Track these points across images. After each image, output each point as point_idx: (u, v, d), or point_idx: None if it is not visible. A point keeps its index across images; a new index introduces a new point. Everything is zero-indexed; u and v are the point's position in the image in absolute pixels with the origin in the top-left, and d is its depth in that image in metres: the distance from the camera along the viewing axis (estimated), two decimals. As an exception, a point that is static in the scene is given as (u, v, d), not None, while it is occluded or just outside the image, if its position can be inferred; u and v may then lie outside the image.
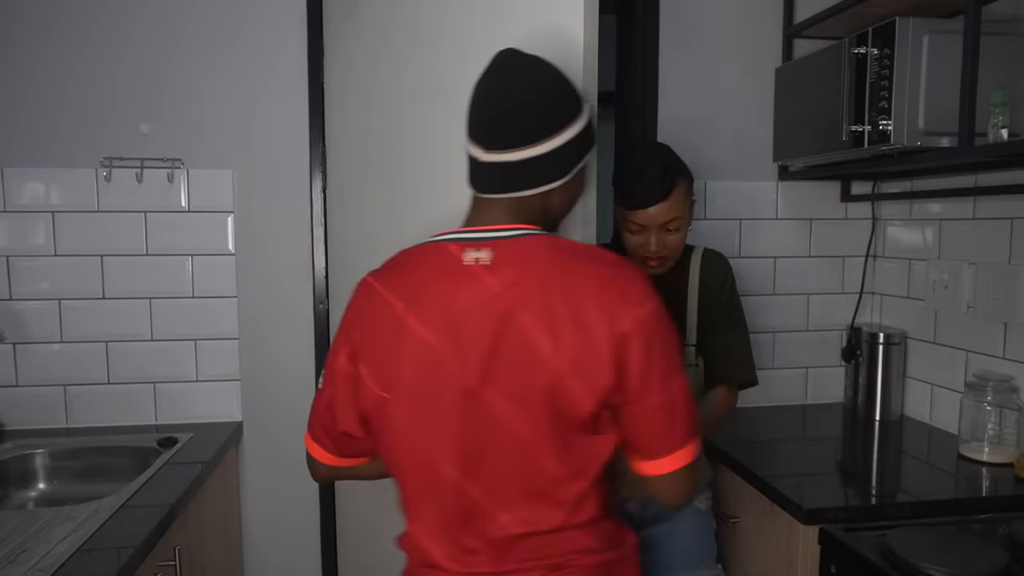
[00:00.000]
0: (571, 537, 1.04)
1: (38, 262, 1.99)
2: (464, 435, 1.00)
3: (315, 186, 2.08)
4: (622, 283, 0.98)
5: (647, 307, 0.98)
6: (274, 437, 2.13)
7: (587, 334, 0.95)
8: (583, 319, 0.95)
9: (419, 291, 1.02)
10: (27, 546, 1.29)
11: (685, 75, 2.19)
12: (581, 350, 0.95)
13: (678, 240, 1.52)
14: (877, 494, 1.63)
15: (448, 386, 1.00)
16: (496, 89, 1.06)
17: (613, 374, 0.96)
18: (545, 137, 1.02)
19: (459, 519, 1.04)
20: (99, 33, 1.98)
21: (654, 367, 0.98)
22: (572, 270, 0.98)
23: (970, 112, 1.48)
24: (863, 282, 2.29)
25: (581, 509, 1.03)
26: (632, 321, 0.96)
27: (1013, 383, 1.78)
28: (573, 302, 0.96)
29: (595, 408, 0.97)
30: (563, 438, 0.98)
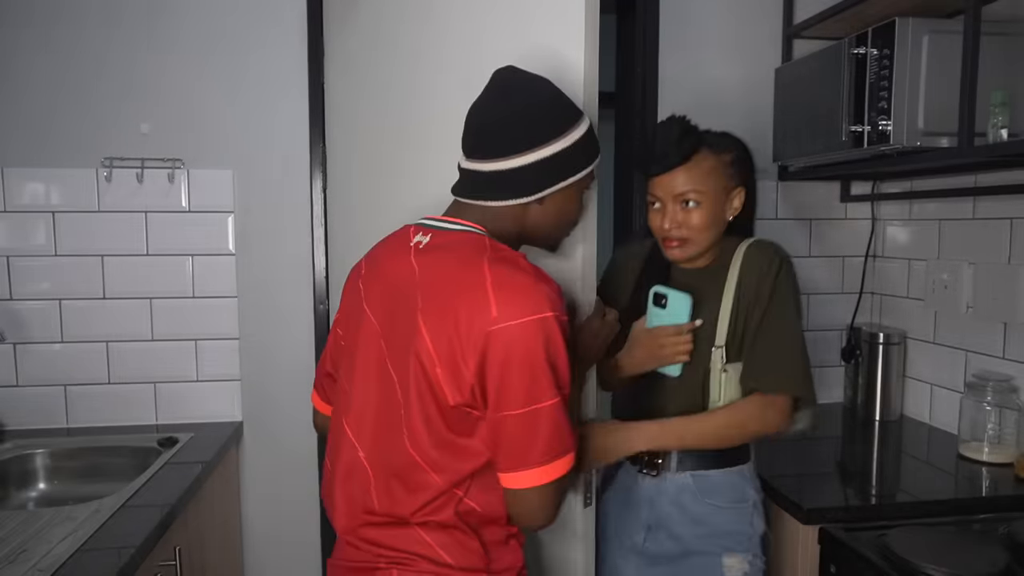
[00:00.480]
0: (415, 536, 1.06)
1: (38, 262, 1.99)
2: (362, 393, 1.10)
3: (315, 186, 2.08)
4: (513, 290, 1.00)
5: (529, 318, 0.98)
6: (274, 437, 2.13)
7: (462, 330, 0.99)
8: (463, 315, 0.99)
9: (376, 263, 1.17)
10: (27, 546, 1.29)
11: (685, 75, 2.19)
12: (452, 344, 0.99)
13: (700, 220, 1.30)
14: (877, 494, 1.63)
15: (366, 346, 1.10)
16: (485, 102, 1.12)
17: (475, 375, 0.99)
18: (517, 153, 1.07)
19: (346, 475, 1.11)
20: (99, 33, 1.98)
21: (516, 379, 0.98)
22: (475, 268, 1.02)
23: (970, 112, 1.48)
24: (863, 282, 2.29)
25: (433, 508, 1.05)
26: (506, 329, 0.98)
27: (1013, 383, 1.78)
28: (461, 297, 1.01)
29: (458, 403, 1.01)
30: (429, 425, 1.03)
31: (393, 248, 1.15)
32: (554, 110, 1.10)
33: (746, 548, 1.35)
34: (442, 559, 1.06)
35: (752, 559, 1.36)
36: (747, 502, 1.37)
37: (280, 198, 2.08)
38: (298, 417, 2.12)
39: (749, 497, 1.37)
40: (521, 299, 1.00)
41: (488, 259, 1.03)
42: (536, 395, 1.00)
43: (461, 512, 1.06)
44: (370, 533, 1.09)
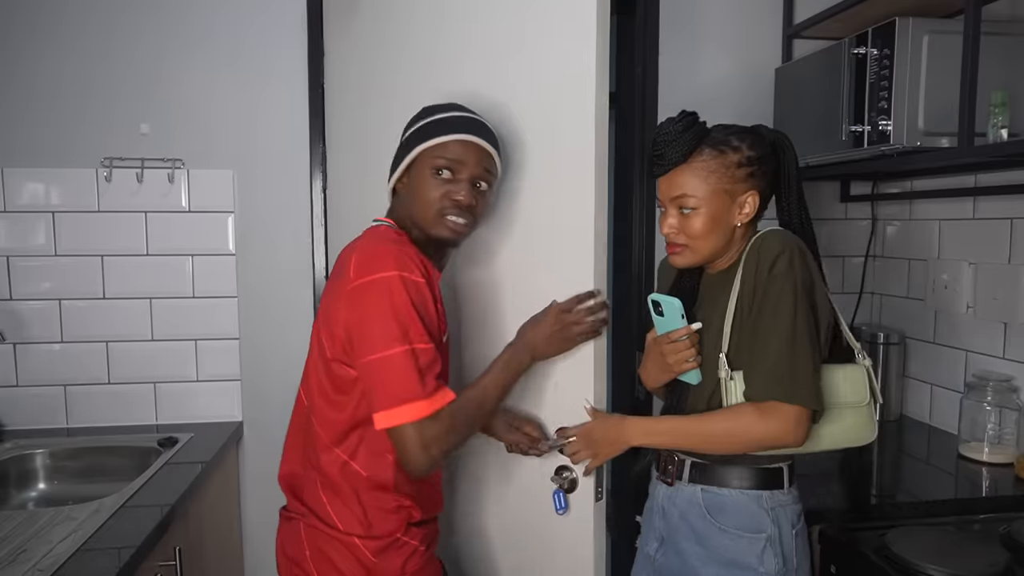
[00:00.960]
0: (316, 495, 1.26)
1: (38, 262, 1.99)
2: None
3: (315, 186, 2.08)
4: (366, 255, 1.18)
5: (377, 275, 1.14)
6: (274, 437, 2.11)
7: (332, 291, 1.21)
8: (335, 281, 1.20)
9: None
10: (27, 546, 1.29)
11: (685, 75, 2.18)
12: (328, 305, 1.21)
13: (696, 227, 1.22)
14: (877, 494, 1.63)
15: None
16: None
17: (344, 330, 1.17)
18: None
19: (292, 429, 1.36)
20: (99, 33, 1.98)
21: (368, 328, 1.14)
22: (351, 245, 1.24)
23: (970, 112, 1.48)
24: (863, 282, 2.29)
25: (325, 463, 1.24)
26: (359, 286, 1.15)
27: (1013, 383, 1.78)
28: (337, 269, 1.22)
29: (335, 356, 1.19)
30: (317, 377, 1.23)
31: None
32: (415, 117, 1.33)
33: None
34: (332, 520, 1.24)
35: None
36: (760, 534, 1.21)
37: (280, 198, 2.08)
38: (298, 417, 2.12)
39: (764, 529, 1.21)
40: (371, 262, 1.16)
41: (363, 234, 1.26)
42: (385, 343, 1.13)
43: (347, 475, 1.23)
44: (293, 483, 1.32)
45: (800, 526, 1.26)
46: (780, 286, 1.16)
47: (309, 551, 1.25)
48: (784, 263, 1.16)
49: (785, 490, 1.25)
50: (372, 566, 1.22)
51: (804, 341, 1.16)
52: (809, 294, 1.18)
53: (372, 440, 1.22)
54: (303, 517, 1.28)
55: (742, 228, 1.25)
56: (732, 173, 1.22)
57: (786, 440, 1.17)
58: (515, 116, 1.52)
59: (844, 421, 1.23)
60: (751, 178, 1.23)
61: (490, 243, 1.54)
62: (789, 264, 1.16)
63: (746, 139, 1.25)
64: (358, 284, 1.15)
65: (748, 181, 1.22)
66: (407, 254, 1.19)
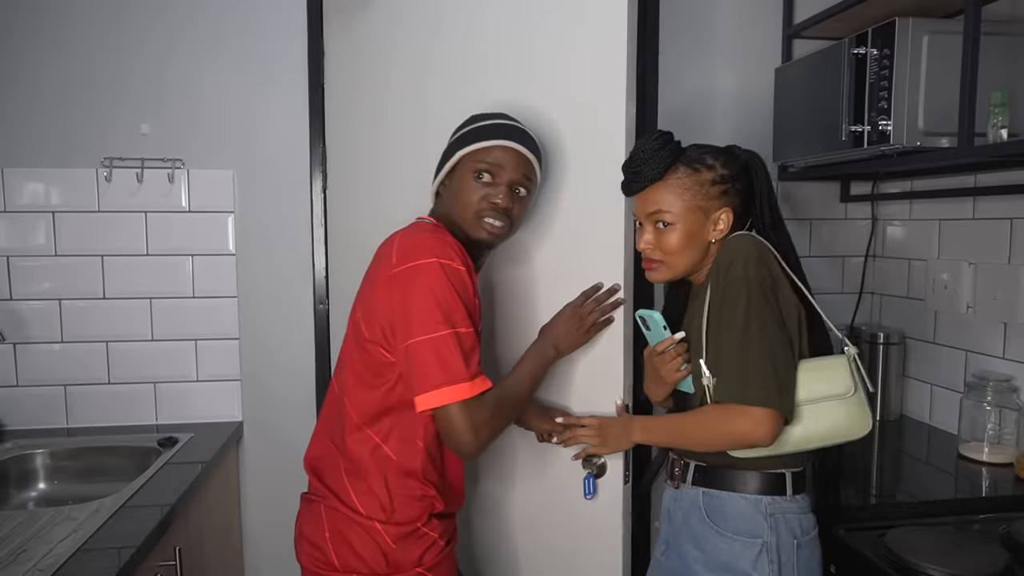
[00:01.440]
0: (339, 479, 1.28)
1: (38, 262, 1.99)
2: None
3: (315, 186, 2.08)
4: (409, 244, 1.23)
5: (419, 262, 1.19)
6: (274, 437, 2.13)
7: (373, 276, 1.26)
8: (376, 268, 1.26)
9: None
10: (27, 546, 1.29)
11: (685, 75, 2.18)
12: (368, 290, 1.26)
13: (672, 242, 1.26)
14: (877, 494, 1.63)
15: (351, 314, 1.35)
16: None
17: (384, 314, 1.21)
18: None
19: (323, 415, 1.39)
20: (99, 33, 1.98)
21: (411, 312, 1.18)
22: (392, 235, 1.29)
23: (970, 112, 1.48)
24: (863, 282, 2.29)
25: (354, 442, 1.26)
26: (401, 272, 1.19)
27: (1013, 383, 1.78)
28: (378, 256, 1.28)
29: (373, 338, 1.22)
30: (352, 360, 1.27)
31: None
32: (462, 123, 1.39)
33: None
34: (354, 504, 1.26)
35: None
36: (755, 539, 1.20)
37: (280, 198, 2.08)
38: (298, 417, 2.12)
39: (760, 535, 1.20)
40: (413, 249, 1.21)
41: (404, 228, 1.30)
42: (425, 326, 1.17)
43: (377, 459, 1.25)
44: (317, 465, 1.34)
45: (807, 539, 1.23)
46: (734, 290, 1.18)
47: (329, 533, 1.27)
48: (738, 267, 1.19)
49: (788, 497, 1.23)
50: (391, 552, 1.24)
51: (758, 342, 1.16)
52: (767, 294, 1.18)
53: (404, 426, 1.25)
54: (324, 499, 1.30)
55: (716, 244, 1.28)
56: (706, 190, 1.25)
57: (752, 439, 1.17)
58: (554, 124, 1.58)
59: (829, 415, 1.20)
60: (725, 195, 1.26)
61: (528, 245, 1.59)
62: (743, 267, 1.18)
63: (720, 158, 1.28)
64: (400, 270, 1.19)
65: (722, 198, 1.26)
66: (448, 242, 1.23)
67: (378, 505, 1.25)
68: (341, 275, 2.07)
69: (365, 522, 1.25)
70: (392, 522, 1.25)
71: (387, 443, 1.25)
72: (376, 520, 1.25)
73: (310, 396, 2.12)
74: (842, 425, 1.21)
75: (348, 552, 1.25)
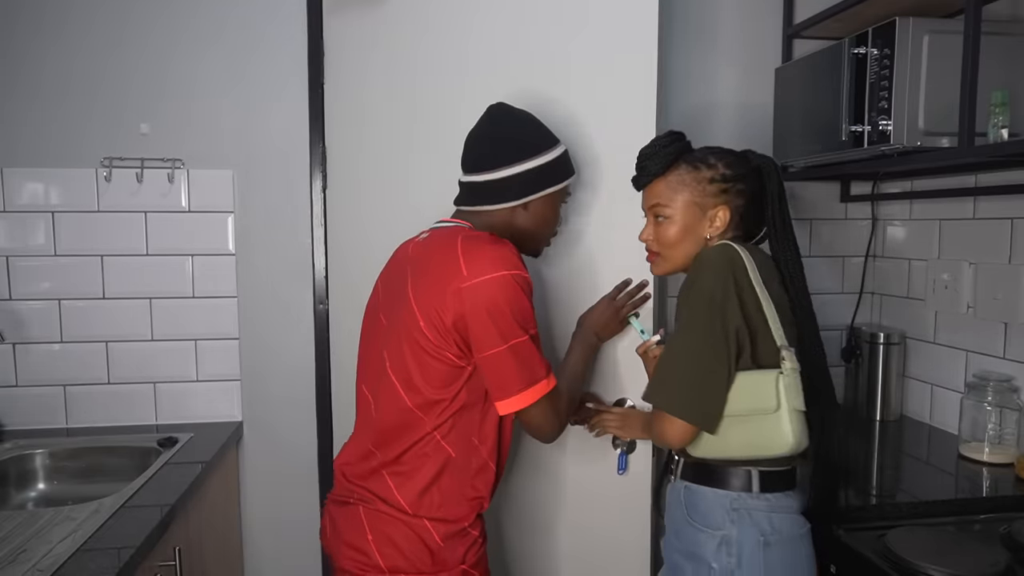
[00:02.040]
0: (382, 480, 1.31)
1: (38, 262, 1.99)
2: (367, 351, 1.40)
3: (315, 186, 2.08)
4: (477, 257, 1.25)
5: (491, 275, 1.23)
6: (274, 437, 2.13)
7: (440, 289, 1.25)
8: (441, 279, 1.25)
9: (391, 259, 1.47)
10: (27, 546, 1.29)
11: (685, 75, 2.19)
12: (432, 300, 1.25)
13: (668, 235, 1.32)
14: (877, 494, 1.63)
15: (370, 321, 1.42)
16: (479, 128, 1.41)
17: (454, 324, 1.23)
18: (503, 166, 1.34)
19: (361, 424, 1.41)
20: (99, 33, 1.98)
21: (487, 324, 1.22)
22: (451, 245, 1.28)
23: (970, 112, 1.48)
24: (863, 282, 2.29)
25: (418, 451, 1.29)
26: (474, 285, 1.23)
27: (1013, 383, 1.78)
28: (439, 266, 1.27)
29: (438, 348, 1.25)
30: (418, 371, 1.27)
31: (403, 246, 1.46)
32: (534, 134, 1.39)
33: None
34: (400, 504, 1.28)
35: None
36: (717, 531, 1.24)
37: (280, 198, 2.08)
38: (298, 417, 2.12)
39: (721, 527, 1.24)
40: (483, 263, 1.24)
41: (462, 237, 1.29)
42: (505, 336, 1.23)
43: (437, 458, 1.29)
44: (351, 470, 1.36)
45: (778, 539, 1.23)
46: (684, 300, 1.25)
47: (371, 535, 1.29)
48: (696, 279, 1.24)
49: (754, 494, 1.25)
50: (438, 550, 1.27)
51: (687, 354, 1.22)
52: (714, 309, 1.20)
53: (465, 425, 1.30)
54: (363, 502, 1.32)
55: (714, 240, 1.31)
56: (704, 188, 1.30)
57: (666, 441, 1.26)
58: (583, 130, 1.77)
59: (747, 429, 1.22)
60: (723, 194, 1.30)
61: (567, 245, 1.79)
62: (700, 279, 1.23)
63: (724, 159, 1.32)
64: (473, 283, 1.23)
65: (720, 197, 1.30)
66: (515, 253, 1.30)
67: (429, 503, 1.28)
68: (341, 275, 2.07)
69: (412, 520, 1.28)
70: (442, 519, 1.28)
71: (447, 441, 1.29)
72: (425, 518, 1.28)
73: (310, 396, 2.12)
74: (757, 440, 1.22)
75: (393, 552, 1.27)
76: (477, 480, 1.32)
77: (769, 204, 1.33)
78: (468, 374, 1.28)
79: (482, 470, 1.33)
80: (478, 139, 1.40)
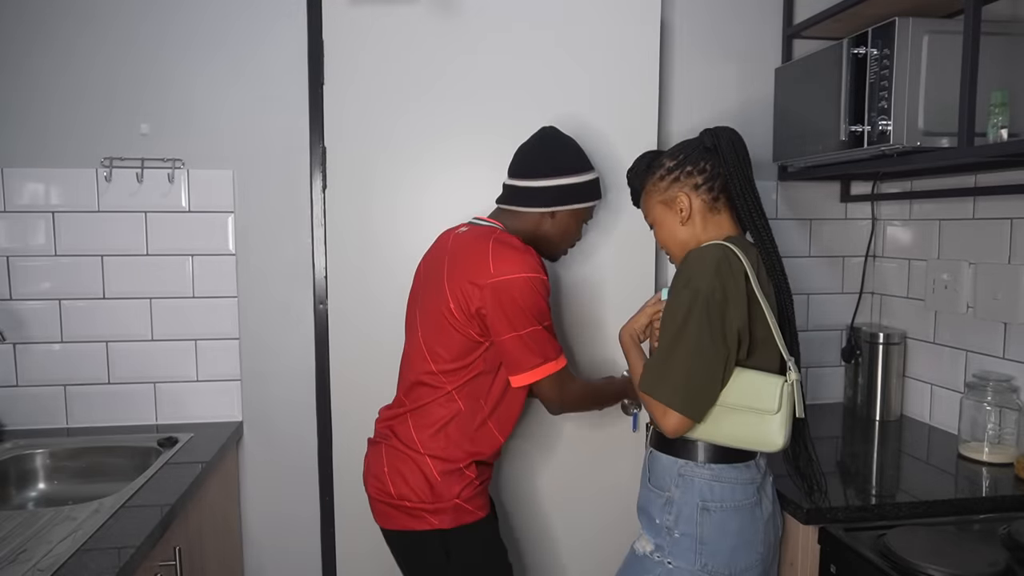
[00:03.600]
0: (397, 415, 1.61)
1: (38, 262, 1.99)
2: (409, 322, 1.66)
3: (315, 186, 2.08)
4: (504, 258, 1.49)
5: (513, 276, 1.47)
6: (274, 437, 2.13)
7: (470, 280, 1.50)
8: (472, 272, 1.50)
9: (431, 247, 1.71)
10: (27, 546, 1.29)
11: (685, 75, 2.19)
12: (463, 289, 1.50)
13: (662, 239, 1.48)
14: (877, 494, 1.63)
15: (412, 301, 1.68)
16: (530, 142, 1.66)
17: (477, 311, 1.49)
18: (544, 177, 1.59)
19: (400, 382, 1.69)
20: (99, 33, 1.98)
21: (505, 314, 1.48)
22: (483, 244, 1.53)
23: (970, 112, 1.48)
24: (863, 282, 2.29)
25: (414, 391, 1.59)
26: (498, 282, 1.47)
27: (1013, 383, 1.78)
28: (472, 262, 1.51)
29: (464, 328, 1.51)
30: (444, 344, 1.53)
31: (444, 235, 1.68)
32: (574, 157, 1.62)
33: (655, 533, 1.39)
34: (414, 444, 1.55)
35: (655, 548, 1.38)
36: (663, 492, 1.39)
37: (280, 198, 2.08)
38: (298, 417, 2.12)
39: (667, 489, 1.38)
40: (509, 264, 1.49)
41: (493, 240, 1.53)
42: (517, 326, 1.48)
43: (448, 408, 1.54)
44: (384, 415, 1.66)
45: (719, 506, 1.34)
46: (681, 298, 1.30)
47: (387, 468, 1.57)
48: (693, 278, 1.29)
49: (699, 463, 1.36)
50: (435, 484, 1.52)
51: (684, 350, 1.28)
52: (711, 310, 1.27)
53: (477, 386, 1.55)
54: (386, 439, 1.60)
55: (700, 222, 1.42)
56: (660, 186, 1.45)
57: (664, 430, 1.33)
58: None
59: (742, 423, 1.31)
60: (676, 183, 1.43)
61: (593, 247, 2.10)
62: (698, 279, 1.29)
63: (671, 153, 1.46)
64: (497, 281, 1.47)
65: (674, 186, 1.43)
66: (536, 258, 1.54)
67: (437, 445, 1.54)
68: (341, 275, 2.07)
69: (418, 457, 1.54)
70: (441, 458, 1.53)
71: (459, 397, 1.55)
72: (428, 455, 1.53)
73: (310, 396, 2.12)
74: (751, 435, 1.31)
75: (401, 482, 1.54)
76: (477, 435, 1.56)
77: (731, 176, 1.39)
78: (485, 348, 1.53)
79: (482, 427, 1.57)
80: (527, 152, 1.63)
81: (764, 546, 1.37)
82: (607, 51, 2.03)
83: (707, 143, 1.42)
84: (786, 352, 1.34)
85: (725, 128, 1.42)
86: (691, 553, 1.34)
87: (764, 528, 1.37)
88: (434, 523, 1.52)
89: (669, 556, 1.36)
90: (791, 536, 1.55)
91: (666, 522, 1.37)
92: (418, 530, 1.53)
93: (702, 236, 1.42)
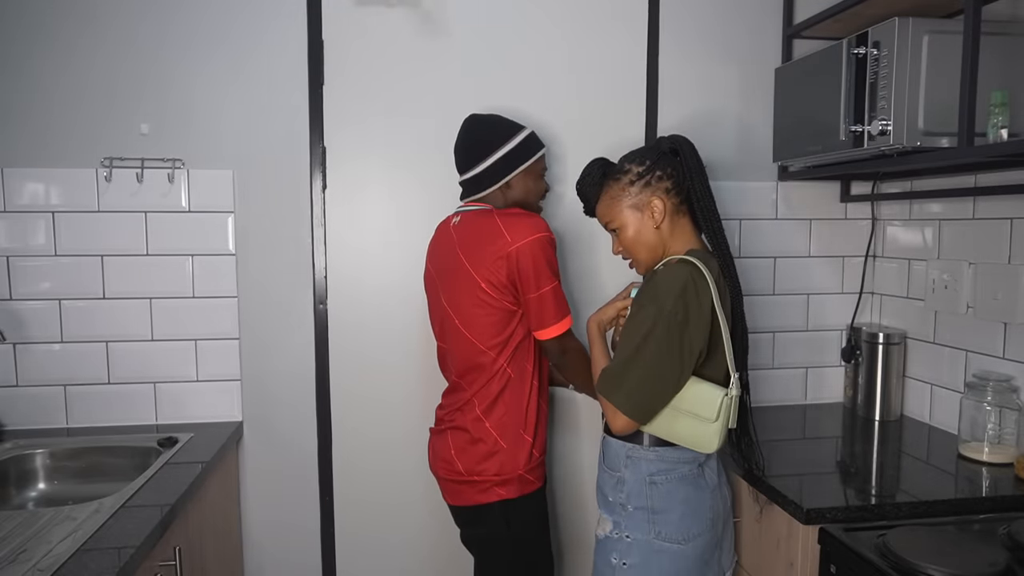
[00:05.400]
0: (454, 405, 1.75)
1: (38, 262, 1.99)
2: (436, 316, 1.80)
3: (315, 186, 2.08)
4: (516, 225, 1.63)
5: (529, 238, 1.61)
6: (274, 437, 2.13)
7: (492, 253, 1.62)
8: (491, 246, 1.63)
9: (432, 244, 1.84)
10: (27, 546, 1.29)
11: (685, 75, 2.19)
12: (486, 263, 1.63)
13: (626, 243, 1.51)
14: (877, 494, 1.63)
15: (432, 292, 1.80)
16: (460, 138, 1.77)
17: (507, 278, 1.63)
18: (481, 161, 1.71)
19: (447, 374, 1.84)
20: (99, 33, 1.98)
21: (529, 275, 1.62)
22: (491, 220, 1.66)
23: (970, 112, 1.48)
24: (863, 282, 2.29)
25: (488, 384, 1.69)
26: (518, 248, 1.61)
27: (1013, 383, 1.78)
28: (487, 238, 1.64)
29: (498, 298, 1.64)
30: (484, 319, 1.66)
31: (441, 231, 1.81)
32: (498, 129, 1.73)
33: (611, 511, 1.51)
34: (467, 426, 1.69)
35: (613, 526, 1.49)
36: (616, 472, 1.51)
37: (280, 198, 2.08)
38: (298, 417, 2.12)
39: (618, 469, 1.51)
40: (522, 229, 1.63)
41: (497, 213, 1.68)
42: (541, 283, 1.63)
43: (501, 378, 1.68)
44: (444, 406, 1.80)
45: (664, 478, 1.47)
46: (646, 312, 1.40)
47: (454, 449, 1.71)
48: (659, 296, 1.38)
49: (643, 446, 1.49)
50: (502, 455, 1.67)
51: (641, 361, 1.39)
52: (672, 329, 1.37)
53: (520, 355, 1.70)
54: (451, 428, 1.73)
55: (668, 225, 1.49)
56: (630, 190, 1.49)
57: (609, 423, 1.46)
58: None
59: (682, 425, 1.43)
60: (647, 188, 1.48)
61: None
62: (664, 298, 1.38)
63: (635, 159, 1.51)
64: (518, 246, 1.61)
65: (646, 191, 1.48)
66: (541, 219, 1.67)
67: (495, 414, 1.68)
68: (341, 275, 2.07)
69: (483, 431, 1.68)
70: (503, 426, 1.67)
71: (509, 367, 1.68)
72: (492, 427, 1.67)
73: (310, 396, 2.12)
74: (690, 436, 1.44)
75: (469, 459, 1.69)
76: (529, 396, 1.71)
77: (689, 181, 1.48)
78: (519, 316, 1.67)
79: (531, 388, 1.72)
80: (460, 146, 1.75)
81: (713, 512, 1.49)
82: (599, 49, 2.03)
83: (667, 148, 1.50)
84: (732, 368, 1.43)
85: (678, 135, 1.51)
86: (645, 523, 1.46)
87: (712, 496, 1.49)
88: (501, 494, 1.67)
89: (626, 530, 1.47)
90: (791, 536, 1.55)
91: (619, 499, 1.49)
92: (485, 503, 1.68)
93: (669, 240, 1.50)
